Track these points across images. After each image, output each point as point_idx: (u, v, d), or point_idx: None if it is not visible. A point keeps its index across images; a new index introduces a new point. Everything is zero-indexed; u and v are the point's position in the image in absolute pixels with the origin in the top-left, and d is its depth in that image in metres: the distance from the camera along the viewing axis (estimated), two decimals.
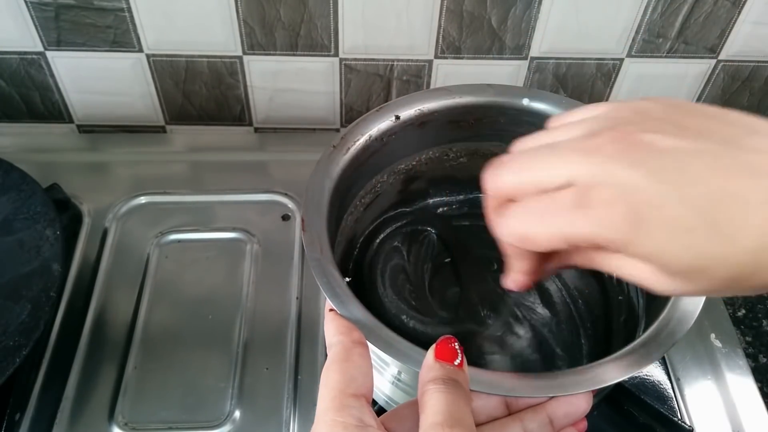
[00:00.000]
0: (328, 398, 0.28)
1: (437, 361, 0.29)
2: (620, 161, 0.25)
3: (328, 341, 0.31)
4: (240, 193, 0.62)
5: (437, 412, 0.27)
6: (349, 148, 0.42)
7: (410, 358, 0.32)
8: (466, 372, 0.29)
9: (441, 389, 0.27)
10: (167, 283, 0.55)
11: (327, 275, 0.35)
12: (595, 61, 0.64)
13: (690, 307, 0.35)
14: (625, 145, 0.25)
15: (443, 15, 0.59)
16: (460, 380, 0.28)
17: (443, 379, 0.28)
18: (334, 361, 0.29)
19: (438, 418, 0.26)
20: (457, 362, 0.29)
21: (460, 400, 0.27)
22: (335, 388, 0.28)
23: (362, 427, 0.27)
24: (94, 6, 0.58)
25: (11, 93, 0.65)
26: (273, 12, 0.59)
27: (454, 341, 0.29)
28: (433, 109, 0.45)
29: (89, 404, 0.48)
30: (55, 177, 0.59)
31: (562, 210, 0.26)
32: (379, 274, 0.48)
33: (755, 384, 0.51)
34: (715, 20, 0.60)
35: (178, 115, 0.68)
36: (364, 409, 0.28)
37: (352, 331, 0.31)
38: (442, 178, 0.51)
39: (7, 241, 0.51)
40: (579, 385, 0.32)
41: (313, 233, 0.37)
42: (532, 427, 0.31)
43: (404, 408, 0.31)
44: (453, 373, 0.28)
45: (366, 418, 0.27)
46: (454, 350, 0.29)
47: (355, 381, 0.29)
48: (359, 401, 0.28)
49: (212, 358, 0.51)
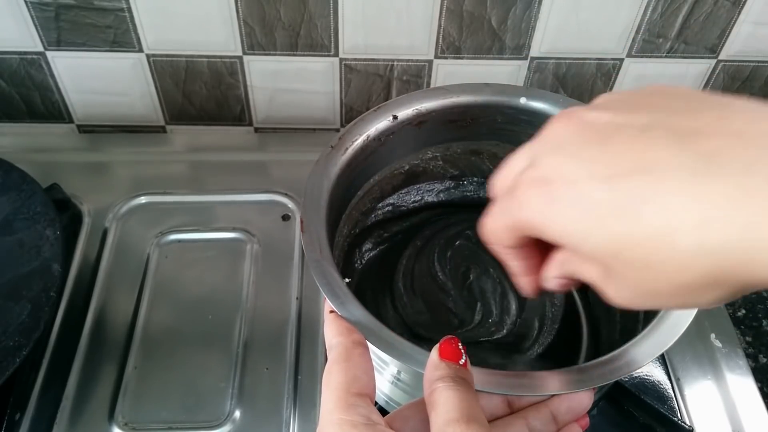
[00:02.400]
0: (333, 399, 0.28)
1: (443, 360, 0.29)
2: (553, 142, 0.25)
3: (329, 343, 0.31)
4: (240, 193, 0.62)
5: (451, 409, 0.26)
6: (347, 148, 0.42)
7: (411, 358, 0.32)
8: (471, 371, 0.29)
9: (451, 386, 0.27)
10: (167, 283, 0.55)
11: (326, 276, 0.35)
12: (595, 61, 0.64)
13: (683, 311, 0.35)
14: (564, 124, 0.25)
15: (443, 15, 0.59)
16: (467, 379, 0.28)
17: (452, 377, 0.28)
18: (336, 362, 0.29)
19: (453, 415, 0.26)
20: (461, 362, 0.29)
21: (470, 397, 0.27)
22: (339, 388, 0.28)
23: (371, 425, 0.27)
24: (94, 6, 0.58)
25: (11, 93, 0.65)
26: (273, 12, 0.59)
27: (457, 341, 0.29)
28: (431, 109, 0.45)
29: (89, 404, 0.48)
30: (55, 177, 0.59)
31: (503, 197, 0.26)
32: (378, 273, 0.48)
33: (755, 384, 0.51)
34: (715, 20, 0.60)
35: (178, 115, 0.68)
36: (370, 407, 0.28)
37: (352, 332, 0.31)
38: (441, 178, 0.51)
39: (7, 241, 0.51)
40: (580, 383, 0.32)
41: (312, 234, 0.37)
42: (535, 425, 0.31)
43: (407, 408, 0.31)
44: (460, 371, 0.28)
45: (374, 416, 0.27)
46: (458, 350, 0.29)
47: (359, 380, 0.28)
48: (364, 400, 0.28)
49: (212, 358, 0.51)
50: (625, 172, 0.22)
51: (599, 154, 0.23)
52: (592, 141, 0.23)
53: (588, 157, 0.23)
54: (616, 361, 0.33)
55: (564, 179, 0.23)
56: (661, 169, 0.21)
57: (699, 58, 0.64)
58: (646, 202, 0.21)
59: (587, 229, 0.23)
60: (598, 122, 0.24)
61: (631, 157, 0.22)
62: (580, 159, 0.23)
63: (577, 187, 0.23)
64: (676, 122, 0.22)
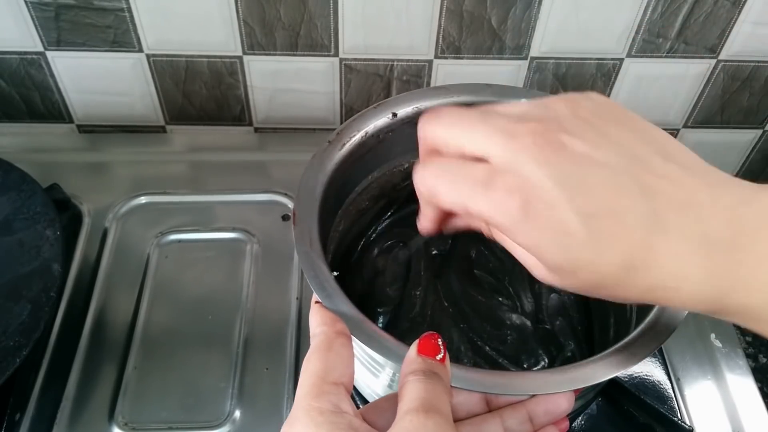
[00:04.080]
0: (308, 385, 0.28)
1: (419, 355, 0.29)
2: (532, 155, 0.26)
3: (312, 332, 0.31)
4: (240, 193, 0.62)
5: (414, 398, 0.27)
6: (344, 144, 0.42)
7: (392, 352, 0.32)
8: (448, 368, 0.29)
9: (420, 379, 0.28)
10: (167, 283, 0.55)
11: (315, 268, 0.35)
12: (595, 61, 0.64)
13: (677, 311, 0.35)
14: (543, 140, 0.27)
15: (443, 15, 0.59)
16: (440, 374, 0.28)
17: (423, 371, 0.28)
18: (316, 350, 0.30)
19: (414, 405, 0.27)
20: (439, 357, 0.29)
21: (438, 390, 0.28)
22: (315, 375, 0.28)
23: (338, 413, 0.27)
24: (94, 6, 0.58)
25: (11, 93, 0.65)
26: (273, 12, 0.59)
27: (438, 337, 0.30)
28: (431, 108, 0.45)
29: (89, 404, 0.48)
30: (55, 177, 0.59)
31: (470, 182, 0.28)
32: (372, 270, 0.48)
33: (755, 384, 0.51)
34: (715, 20, 0.60)
35: (178, 115, 0.68)
36: (341, 396, 0.28)
37: (336, 322, 0.31)
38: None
39: (7, 241, 0.51)
40: (560, 385, 0.32)
41: (303, 227, 0.37)
42: (511, 424, 0.32)
43: (384, 401, 0.31)
44: (434, 366, 0.29)
45: (343, 405, 0.27)
46: (437, 346, 0.29)
47: (336, 370, 0.29)
48: (338, 389, 0.28)
49: (212, 358, 0.51)
50: (599, 212, 0.26)
51: (577, 186, 0.26)
52: (571, 171, 0.26)
53: (569, 187, 0.26)
54: (597, 364, 0.33)
55: (545, 201, 0.26)
56: (626, 215, 0.26)
57: (699, 58, 0.64)
58: (610, 245, 0.26)
59: (555, 249, 0.26)
60: (575, 150, 0.26)
61: (606, 199, 0.26)
62: (561, 187, 0.26)
63: (556, 212, 0.26)
64: (642, 169, 0.26)
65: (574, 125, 0.27)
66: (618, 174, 0.26)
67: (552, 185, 0.26)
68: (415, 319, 0.46)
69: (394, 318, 0.47)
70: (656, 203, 0.26)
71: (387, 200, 0.51)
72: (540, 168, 0.26)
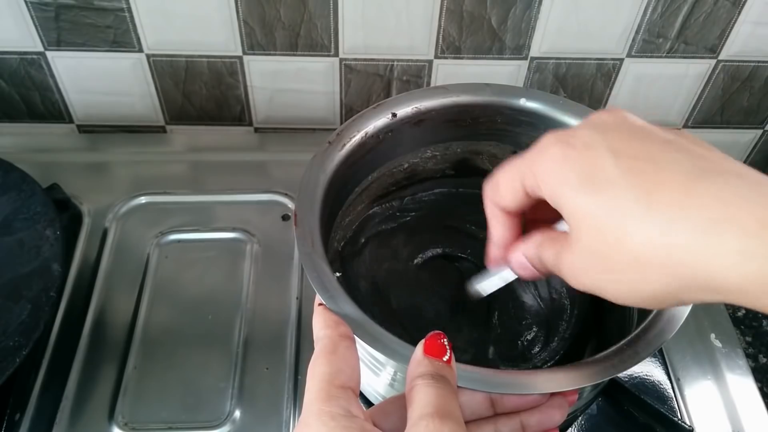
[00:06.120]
0: (316, 389, 0.28)
1: (426, 356, 0.29)
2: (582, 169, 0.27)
3: (316, 335, 0.31)
4: (240, 193, 0.62)
5: (426, 404, 0.27)
6: (344, 144, 0.42)
7: (396, 353, 0.32)
8: (454, 368, 0.29)
9: (430, 384, 0.27)
10: (167, 283, 0.55)
11: (317, 270, 0.35)
12: (595, 61, 0.64)
13: (677, 311, 0.35)
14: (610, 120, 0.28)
15: (443, 15, 0.59)
16: (448, 377, 0.28)
17: (432, 374, 0.28)
18: (321, 354, 0.30)
19: (428, 410, 0.26)
20: (445, 358, 0.29)
21: (448, 394, 0.27)
22: (322, 379, 0.28)
23: (349, 417, 0.27)
24: (94, 6, 0.58)
25: (11, 93, 0.65)
26: (273, 12, 0.59)
27: (443, 337, 0.29)
28: (430, 108, 0.45)
29: (89, 404, 0.48)
30: (55, 177, 0.59)
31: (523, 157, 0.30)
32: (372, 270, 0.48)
33: (755, 384, 0.51)
34: (715, 20, 0.60)
35: (178, 115, 0.68)
36: (351, 400, 0.28)
37: (339, 325, 0.31)
38: (439, 177, 0.51)
39: (7, 241, 0.51)
40: (564, 384, 0.32)
41: (305, 228, 0.37)
42: (504, 431, 0.32)
43: (390, 403, 0.31)
44: (441, 369, 0.28)
45: (353, 409, 0.27)
46: (443, 346, 0.29)
47: (343, 373, 0.29)
48: (346, 392, 0.28)
49: (212, 358, 0.51)
50: (639, 169, 0.26)
51: (625, 145, 0.27)
52: (631, 136, 0.27)
53: (616, 140, 0.27)
54: (596, 364, 0.33)
55: (585, 144, 0.27)
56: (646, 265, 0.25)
57: (699, 58, 0.64)
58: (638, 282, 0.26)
59: (589, 282, 0.28)
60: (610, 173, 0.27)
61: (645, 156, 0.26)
62: (606, 138, 0.27)
63: (591, 152, 0.26)
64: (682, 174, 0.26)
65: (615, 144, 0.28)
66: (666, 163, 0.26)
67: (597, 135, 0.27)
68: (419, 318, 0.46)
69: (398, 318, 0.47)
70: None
71: (387, 200, 0.51)
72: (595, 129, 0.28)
